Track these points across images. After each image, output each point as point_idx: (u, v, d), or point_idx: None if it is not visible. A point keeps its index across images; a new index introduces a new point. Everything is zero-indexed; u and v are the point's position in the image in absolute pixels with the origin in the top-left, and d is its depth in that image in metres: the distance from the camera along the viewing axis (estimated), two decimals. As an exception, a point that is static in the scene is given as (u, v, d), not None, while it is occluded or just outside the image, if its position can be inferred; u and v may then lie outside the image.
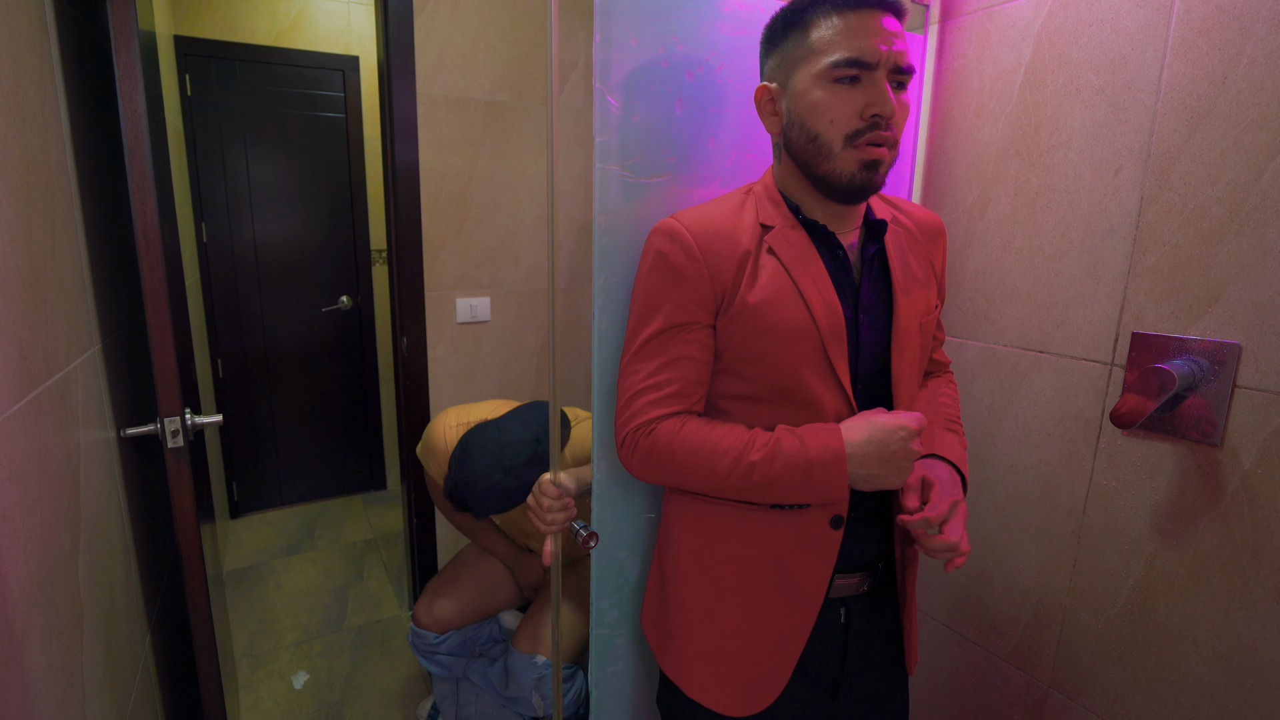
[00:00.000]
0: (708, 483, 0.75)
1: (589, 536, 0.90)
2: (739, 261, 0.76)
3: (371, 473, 3.05)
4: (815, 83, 0.72)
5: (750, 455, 0.73)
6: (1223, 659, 0.88)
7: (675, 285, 0.76)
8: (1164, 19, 0.88)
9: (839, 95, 0.71)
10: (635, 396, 0.78)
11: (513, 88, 1.73)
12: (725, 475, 0.74)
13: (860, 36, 0.69)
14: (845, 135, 0.71)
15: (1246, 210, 0.82)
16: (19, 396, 0.64)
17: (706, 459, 0.74)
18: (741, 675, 0.81)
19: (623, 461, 0.81)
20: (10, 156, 0.67)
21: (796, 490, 0.73)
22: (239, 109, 2.51)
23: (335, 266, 2.78)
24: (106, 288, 1.00)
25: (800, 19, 0.73)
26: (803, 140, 0.74)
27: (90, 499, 0.84)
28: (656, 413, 0.77)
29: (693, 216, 0.78)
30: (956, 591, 1.23)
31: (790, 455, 0.72)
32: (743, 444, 0.74)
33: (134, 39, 0.89)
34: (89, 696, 0.77)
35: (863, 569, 0.83)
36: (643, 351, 0.79)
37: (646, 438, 0.77)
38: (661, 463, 0.77)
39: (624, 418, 0.80)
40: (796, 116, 0.74)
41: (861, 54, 0.69)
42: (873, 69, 0.70)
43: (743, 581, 0.80)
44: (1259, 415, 0.83)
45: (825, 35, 0.71)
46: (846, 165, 0.73)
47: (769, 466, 0.72)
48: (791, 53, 0.74)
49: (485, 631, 1.55)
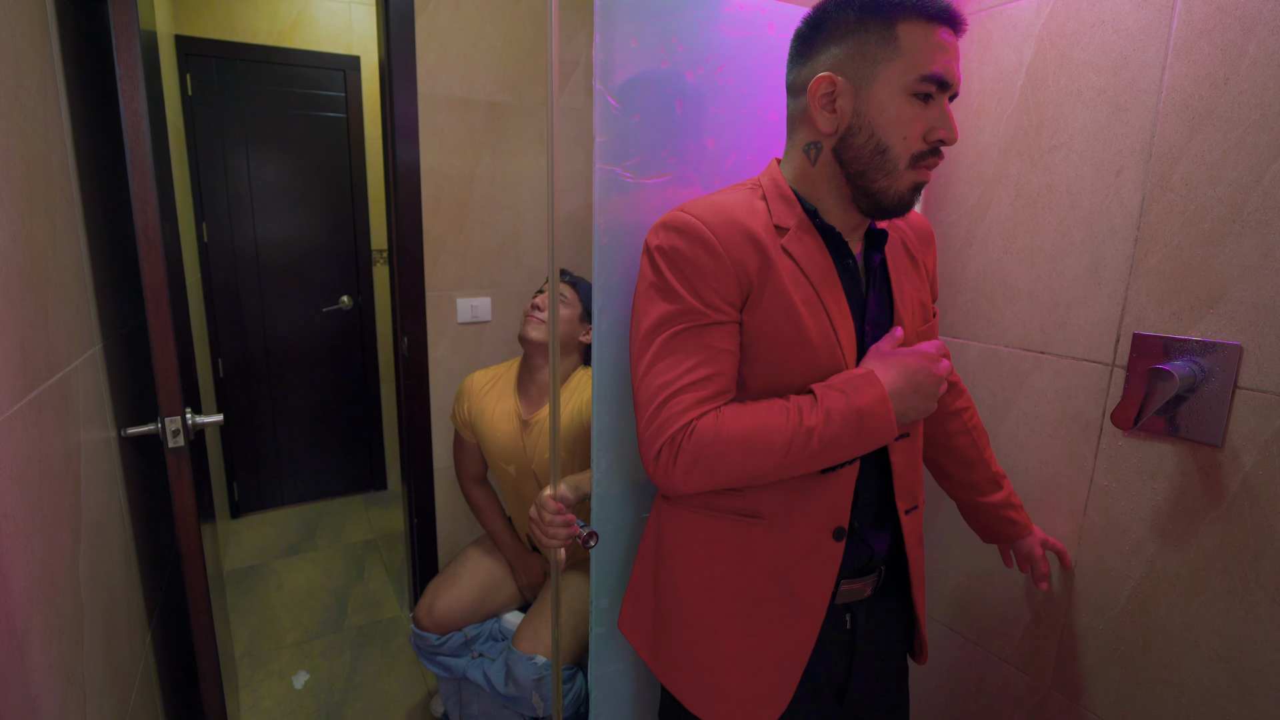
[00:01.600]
0: (766, 466, 0.69)
1: (589, 536, 0.90)
2: (760, 258, 0.72)
3: (372, 472, 3.05)
4: (900, 92, 0.68)
5: (806, 421, 0.68)
6: (1224, 660, 0.88)
7: (698, 279, 0.71)
8: (1165, 20, 0.88)
9: (917, 112, 0.68)
10: (669, 400, 0.70)
11: (513, 88, 1.73)
12: (785, 452, 0.68)
13: (946, 54, 0.67)
14: (912, 154, 0.69)
15: (1248, 211, 0.82)
16: (20, 396, 0.64)
17: (763, 442, 0.68)
18: (746, 691, 0.79)
19: (658, 475, 0.71)
20: (11, 156, 0.67)
21: (852, 445, 0.69)
22: (240, 109, 2.51)
23: (336, 266, 2.78)
24: (107, 287, 1.00)
25: (885, 13, 0.67)
26: (868, 150, 0.70)
27: (91, 498, 0.84)
28: (694, 414, 0.70)
29: (704, 209, 0.73)
30: (958, 593, 1.23)
31: (842, 411, 0.68)
32: (792, 415, 0.69)
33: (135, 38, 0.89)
34: (90, 696, 0.77)
35: (868, 573, 0.82)
36: (667, 348, 0.71)
37: (689, 440, 0.69)
38: (712, 461, 0.69)
39: (656, 424, 0.70)
40: (867, 123, 0.69)
41: (947, 74, 0.67)
42: (946, 91, 0.68)
43: (744, 596, 0.78)
44: (1260, 416, 0.83)
45: (915, 41, 0.66)
46: (903, 185, 0.70)
47: (826, 429, 0.68)
48: (874, 50, 0.68)
49: (486, 631, 1.55)
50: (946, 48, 0.68)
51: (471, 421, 1.51)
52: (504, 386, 1.50)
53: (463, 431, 1.55)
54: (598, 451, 0.91)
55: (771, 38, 0.93)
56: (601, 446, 0.91)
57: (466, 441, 1.56)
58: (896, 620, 0.89)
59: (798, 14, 0.94)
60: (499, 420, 1.47)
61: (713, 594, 0.80)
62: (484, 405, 1.50)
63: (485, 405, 1.49)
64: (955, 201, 1.17)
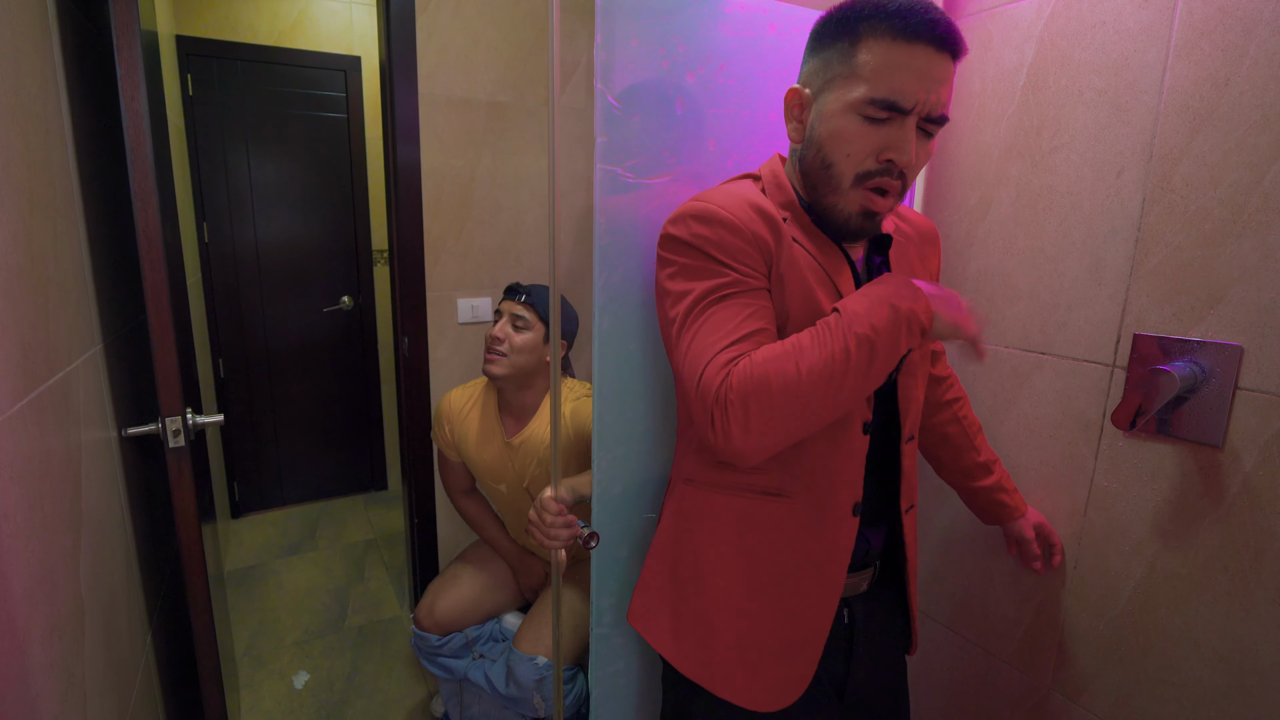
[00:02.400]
0: (818, 387, 0.63)
1: (590, 536, 0.90)
2: (773, 233, 0.72)
3: (373, 473, 3.05)
4: (845, 110, 0.67)
5: (839, 326, 0.65)
6: (1224, 661, 0.88)
7: (725, 254, 0.70)
8: (1166, 21, 0.88)
9: (863, 131, 0.67)
10: (708, 365, 0.66)
11: (514, 88, 1.73)
12: (829, 360, 0.63)
13: (904, 75, 0.64)
14: (856, 173, 0.68)
15: (1249, 212, 0.82)
16: (21, 396, 0.64)
17: (804, 362, 0.63)
18: (779, 668, 0.79)
19: (719, 442, 0.66)
20: (12, 156, 0.67)
21: (890, 334, 0.64)
22: (241, 109, 2.51)
23: (337, 266, 2.78)
24: (108, 287, 1.00)
25: (852, 29, 0.67)
26: (816, 164, 0.71)
27: (91, 498, 0.84)
28: (730, 367, 0.66)
29: (719, 196, 0.73)
30: (958, 593, 1.23)
31: (873, 297, 0.66)
32: (822, 326, 0.66)
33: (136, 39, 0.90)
34: (90, 696, 0.77)
35: (865, 567, 0.83)
36: (703, 320, 0.69)
37: (731, 391, 0.64)
38: (762, 403, 0.63)
39: (700, 392, 0.66)
40: (816, 137, 0.70)
41: (898, 97, 0.64)
42: (905, 114, 0.66)
43: (775, 572, 0.79)
44: (1261, 417, 0.83)
45: (870, 62, 0.65)
46: (849, 205, 0.70)
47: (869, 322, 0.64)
48: (833, 66, 0.68)
49: (487, 632, 1.55)
50: (912, 69, 0.64)
51: (455, 444, 1.49)
52: (484, 408, 1.46)
53: (446, 452, 1.53)
54: (598, 452, 0.91)
55: (772, 38, 0.93)
56: (602, 446, 0.91)
57: (451, 460, 1.54)
58: (892, 615, 0.89)
59: (798, 14, 0.94)
60: (483, 443, 1.45)
61: (743, 572, 0.80)
62: (466, 429, 1.47)
63: (467, 429, 1.46)
64: (956, 202, 1.17)
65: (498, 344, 1.35)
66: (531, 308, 1.36)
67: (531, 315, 1.36)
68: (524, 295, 1.36)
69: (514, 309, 1.36)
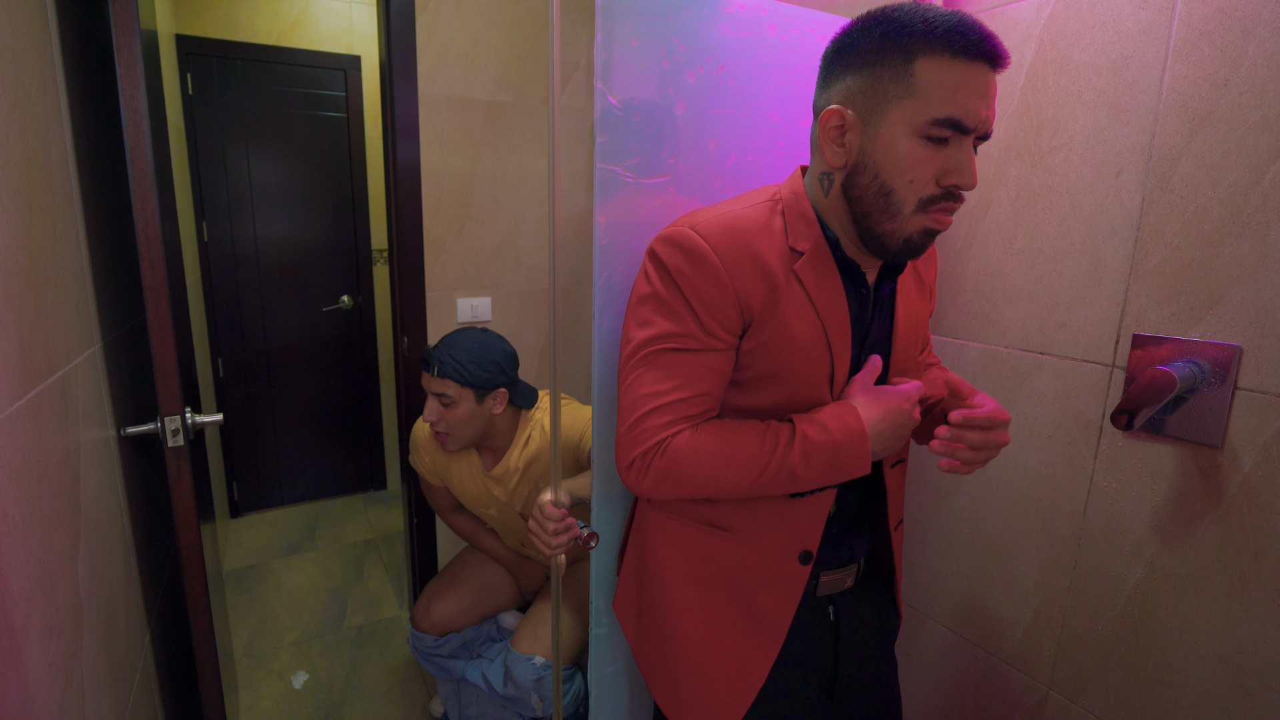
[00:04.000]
0: (736, 488, 0.70)
1: (589, 537, 0.90)
2: (766, 289, 0.69)
3: (372, 472, 3.05)
4: (909, 133, 0.63)
5: (780, 452, 0.69)
6: (1223, 661, 0.88)
7: (699, 303, 0.69)
8: (1166, 21, 0.88)
9: (926, 154, 0.63)
10: (649, 414, 0.70)
11: (514, 88, 1.73)
12: (756, 478, 0.69)
13: (969, 94, 0.61)
14: (920, 199, 0.65)
15: (1248, 212, 0.82)
16: (19, 395, 0.64)
17: (735, 467, 0.69)
18: (704, 698, 0.79)
19: (630, 482, 0.73)
20: (11, 155, 0.67)
21: (823, 477, 0.70)
22: (240, 108, 2.51)
23: (336, 266, 2.78)
24: (107, 286, 1.00)
25: (903, 47, 0.62)
26: (872, 191, 0.66)
27: (90, 498, 0.84)
28: (670, 431, 0.70)
29: (714, 228, 0.69)
30: (957, 593, 1.23)
31: (819, 445, 0.68)
32: (768, 442, 0.69)
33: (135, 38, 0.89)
34: (88, 695, 0.77)
35: (849, 564, 0.83)
36: (657, 362, 0.71)
37: (661, 457, 0.70)
38: (682, 479, 0.70)
39: (631, 437, 0.71)
40: (872, 162, 0.65)
41: (965, 116, 0.61)
42: (965, 134, 0.63)
43: (708, 606, 0.79)
44: (1260, 417, 0.83)
45: (933, 80, 0.61)
46: (910, 229, 0.66)
47: (801, 462, 0.68)
48: (887, 85, 0.63)
49: (484, 632, 1.55)
50: (973, 87, 0.61)
51: (437, 472, 1.45)
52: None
53: (429, 478, 1.49)
54: (598, 452, 0.91)
55: (773, 38, 0.93)
56: (601, 448, 0.91)
57: (431, 484, 1.50)
58: (879, 609, 0.89)
59: (799, 14, 0.94)
60: (465, 476, 1.42)
61: (680, 600, 0.81)
62: (444, 461, 1.43)
63: (446, 462, 1.43)
64: (955, 202, 1.17)
65: (436, 426, 1.29)
66: (448, 380, 1.25)
67: (454, 388, 1.25)
68: (436, 367, 1.25)
69: (432, 385, 1.27)
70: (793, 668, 0.81)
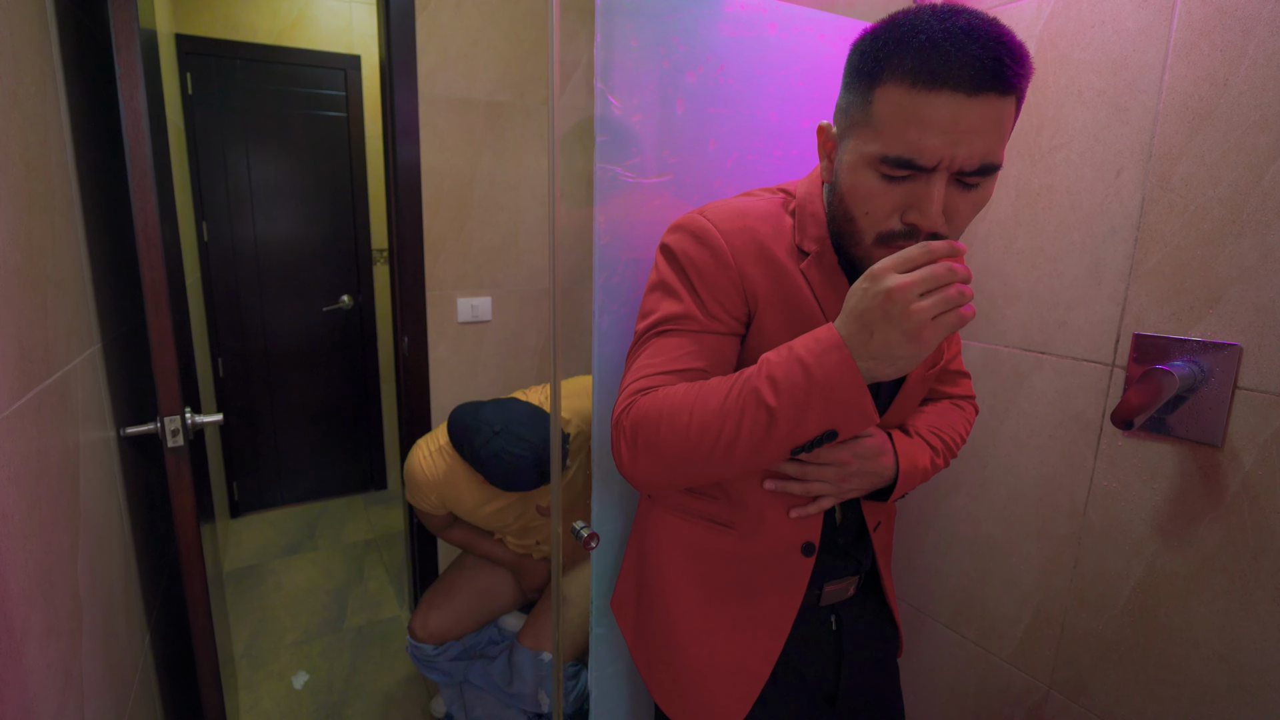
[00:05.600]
0: (710, 442, 0.60)
1: (590, 537, 0.90)
2: (770, 281, 0.68)
3: (372, 472, 3.05)
4: (861, 164, 0.59)
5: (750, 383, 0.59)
6: (1223, 660, 0.88)
7: (702, 285, 0.68)
8: (1166, 21, 0.88)
9: (881, 189, 0.59)
10: (629, 391, 0.67)
11: (514, 88, 1.72)
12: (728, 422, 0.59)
13: (925, 130, 0.54)
14: (878, 233, 0.61)
15: (1248, 212, 0.82)
16: (18, 395, 0.64)
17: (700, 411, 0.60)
18: (706, 696, 0.79)
19: (617, 465, 0.68)
20: (10, 155, 0.66)
21: (808, 406, 0.56)
22: (240, 108, 2.51)
23: (336, 266, 2.78)
24: (107, 286, 1.00)
25: (872, 70, 0.57)
26: (840, 216, 0.64)
27: (90, 498, 0.84)
28: (638, 396, 0.65)
29: (725, 216, 0.68)
30: (957, 592, 1.23)
31: (784, 361, 0.58)
32: (732, 380, 0.61)
33: (135, 37, 0.89)
34: (88, 696, 0.77)
35: (853, 575, 0.82)
36: (656, 345, 0.69)
37: (628, 416, 0.65)
38: (651, 439, 0.62)
39: (616, 406, 0.68)
40: (840, 185, 0.63)
41: (915, 155, 0.55)
42: (928, 171, 0.56)
43: (711, 603, 0.79)
44: (1260, 416, 0.83)
45: (886, 112, 0.56)
46: (873, 260, 0.61)
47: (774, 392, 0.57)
48: (854, 110, 0.60)
49: (485, 636, 1.55)
50: (932, 122, 0.53)
51: (444, 505, 1.41)
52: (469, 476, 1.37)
53: (433, 512, 1.43)
54: (597, 452, 0.91)
55: (773, 38, 0.93)
56: (601, 447, 0.91)
57: (431, 514, 1.45)
58: (881, 619, 0.89)
59: (798, 14, 0.94)
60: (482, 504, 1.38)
61: (681, 597, 0.80)
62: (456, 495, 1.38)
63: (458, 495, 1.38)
64: (955, 202, 1.17)
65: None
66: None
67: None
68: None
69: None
70: (794, 676, 0.80)
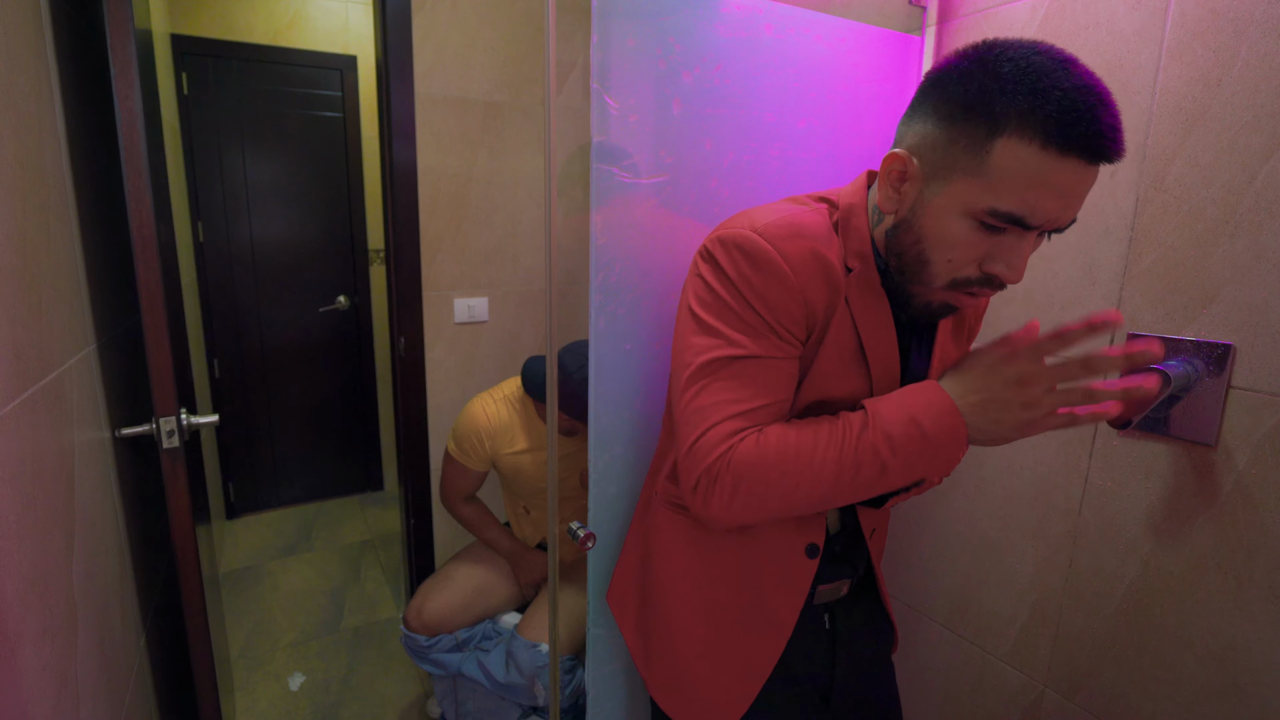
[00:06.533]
0: (817, 492, 0.62)
1: (587, 537, 0.90)
2: (829, 297, 0.65)
3: (369, 473, 3.04)
4: (961, 213, 0.57)
5: (864, 438, 0.60)
6: (1217, 658, 0.88)
7: (767, 312, 0.64)
8: (1159, 22, 0.88)
9: (974, 239, 0.57)
10: (713, 427, 0.63)
11: (511, 88, 1.73)
12: (837, 475, 0.60)
13: (1043, 191, 0.53)
14: (955, 279, 0.60)
15: (1241, 212, 0.82)
16: (13, 396, 0.64)
17: (813, 467, 0.61)
18: (705, 694, 0.79)
19: (697, 506, 0.65)
20: (5, 155, 0.66)
21: (914, 465, 0.60)
22: (236, 108, 2.50)
23: (332, 266, 2.77)
24: (102, 287, 0.99)
25: (991, 114, 0.53)
26: (911, 256, 0.62)
27: (85, 499, 0.84)
28: (735, 439, 0.63)
29: (781, 231, 0.64)
30: (953, 591, 1.23)
31: (902, 422, 0.60)
32: (843, 432, 0.61)
33: (130, 37, 0.89)
34: (83, 698, 0.77)
35: (848, 575, 0.83)
36: (722, 373, 0.64)
37: (728, 468, 0.62)
38: (755, 491, 0.62)
39: (693, 456, 0.64)
40: (919, 226, 0.60)
41: (1028, 215, 0.54)
42: (1028, 230, 0.56)
43: (714, 601, 0.79)
44: (1253, 416, 0.83)
45: (1009, 167, 0.53)
46: (934, 299, 0.62)
47: (890, 449, 0.59)
48: (959, 151, 0.56)
49: (480, 631, 1.55)
50: (1053, 186, 0.53)
51: (491, 456, 1.46)
52: (528, 419, 1.46)
53: (474, 465, 1.48)
54: (594, 452, 0.91)
55: (769, 38, 0.93)
56: (598, 447, 0.91)
57: (470, 470, 1.49)
58: (875, 618, 0.89)
59: (794, 14, 0.95)
60: (539, 448, 1.44)
61: (685, 596, 0.80)
62: (511, 439, 1.44)
63: (514, 439, 1.44)
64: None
65: None
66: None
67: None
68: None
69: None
70: (788, 674, 0.80)
